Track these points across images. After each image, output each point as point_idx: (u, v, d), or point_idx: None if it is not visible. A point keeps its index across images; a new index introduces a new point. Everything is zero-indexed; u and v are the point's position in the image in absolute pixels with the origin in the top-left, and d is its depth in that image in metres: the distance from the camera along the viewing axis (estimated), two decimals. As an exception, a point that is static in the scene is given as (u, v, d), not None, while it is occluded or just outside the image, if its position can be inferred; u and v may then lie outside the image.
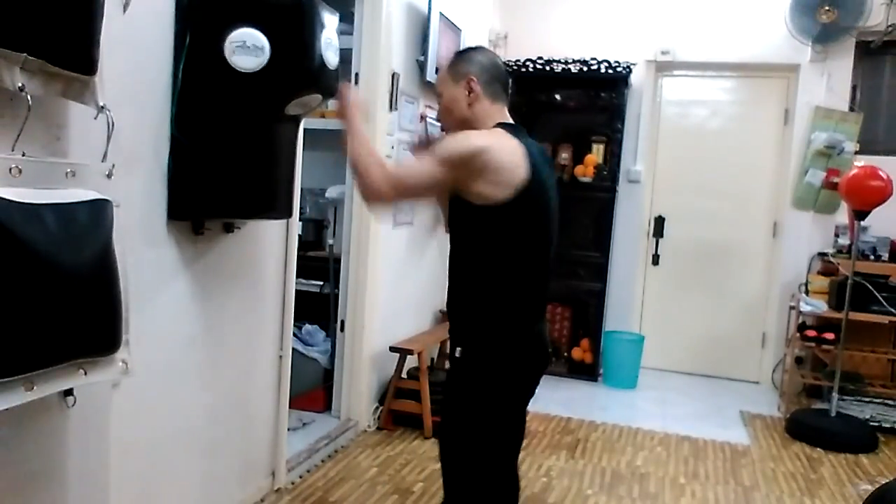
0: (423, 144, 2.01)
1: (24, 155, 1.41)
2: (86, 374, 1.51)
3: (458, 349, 1.80)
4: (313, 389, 3.66)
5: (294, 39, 1.95)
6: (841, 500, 3.18)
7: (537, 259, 1.80)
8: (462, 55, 1.89)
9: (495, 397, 1.79)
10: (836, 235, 4.70)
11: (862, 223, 4.05)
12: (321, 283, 3.89)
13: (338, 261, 3.64)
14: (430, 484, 3.03)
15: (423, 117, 3.98)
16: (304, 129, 2.52)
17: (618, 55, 4.86)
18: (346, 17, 2.84)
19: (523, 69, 4.92)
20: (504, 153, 1.70)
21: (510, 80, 1.91)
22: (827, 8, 4.43)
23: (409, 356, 3.67)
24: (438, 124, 1.97)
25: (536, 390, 1.92)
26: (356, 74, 3.44)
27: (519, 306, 1.79)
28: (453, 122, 1.87)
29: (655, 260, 5.28)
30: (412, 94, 3.83)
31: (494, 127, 1.80)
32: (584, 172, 4.88)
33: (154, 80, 1.99)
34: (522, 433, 1.96)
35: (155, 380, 2.10)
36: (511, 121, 1.86)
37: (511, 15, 5.21)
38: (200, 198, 2.09)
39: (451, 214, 1.82)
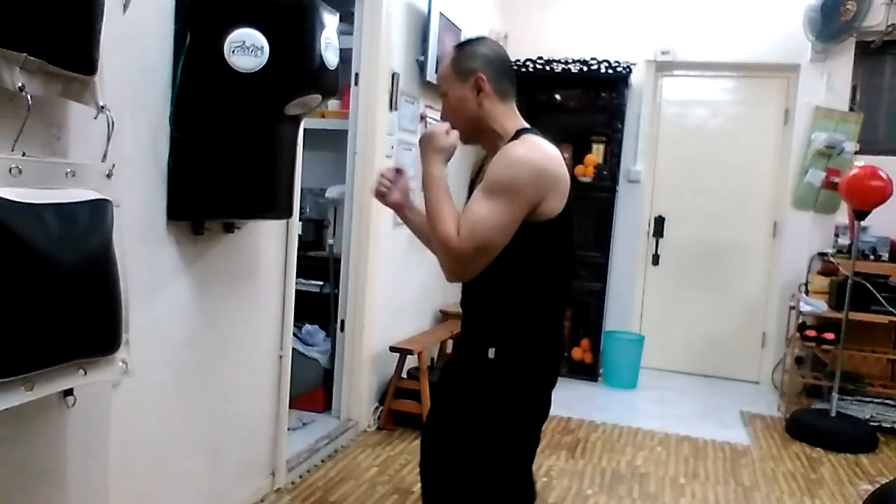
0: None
1: (24, 155, 1.41)
2: (86, 374, 1.51)
3: (492, 350, 1.68)
4: (313, 389, 3.66)
5: (293, 40, 1.95)
6: (841, 500, 3.18)
7: (568, 262, 1.76)
8: (465, 49, 1.74)
9: (530, 398, 1.74)
10: (836, 235, 4.70)
11: (862, 223, 4.05)
12: (321, 283, 3.89)
13: (338, 261, 3.64)
14: (430, 484, 3.03)
15: (422, 117, 3.98)
16: (304, 129, 2.52)
17: (618, 55, 4.86)
18: (346, 17, 2.84)
19: (523, 69, 4.92)
20: (555, 163, 1.63)
21: (514, 72, 1.79)
22: (849, 6, 4.40)
23: (409, 356, 3.67)
24: (442, 122, 1.86)
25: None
26: (356, 74, 3.44)
27: (552, 308, 1.75)
28: (462, 122, 1.73)
29: (655, 260, 5.28)
30: (412, 94, 3.83)
31: (520, 133, 1.68)
32: (584, 172, 4.88)
33: (154, 80, 1.99)
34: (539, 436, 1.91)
35: (155, 380, 2.10)
36: (524, 121, 1.74)
37: (511, 15, 5.21)
38: (200, 198, 2.09)
39: None
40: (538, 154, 1.61)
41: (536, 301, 1.70)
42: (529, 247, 1.63)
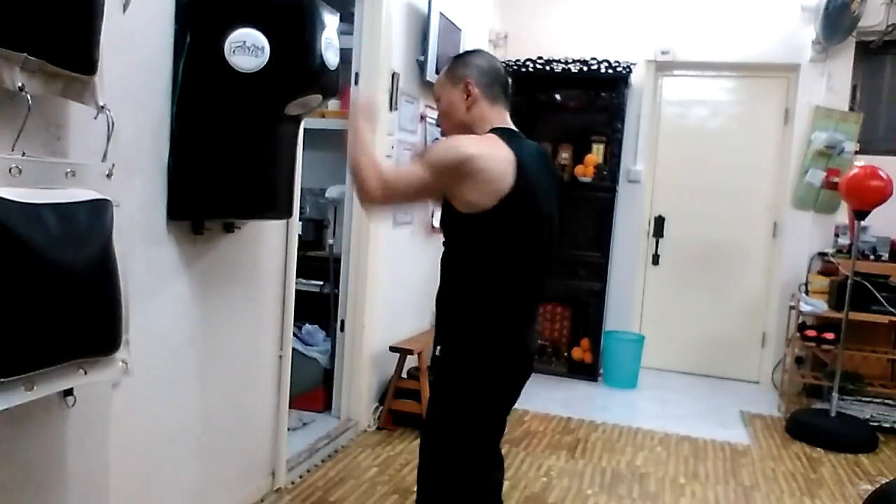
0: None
1: (24, 155, 1.41)
2: (86, 374, 1.51)
3: (438, 348, 1.82)
4: (313, 389, 3.66)
5: (294, 40, 1.95)
6: (841, 500, 3.18)
7: (525, 265, 1.79)
8: (460, 59, 1.89)
9: (469, 397, 1.80)
10: (836, 235, 4.70)
11: (862, 223, 4.05)
12: (321, 283, 3.89)
13: (338, 261, 3.64)
14: (430, 484, 3.03)
15: (422, 117, 3.98)
16: (304, 129, 2.52)
17: (618, 55, 4.86)
18: (346, 17, 2.84)
19: (523, 69, 4.92)
20: (490, 160, 1.69)
21: (510, 83, 1.90)
22: (855, 3, 4.39)
23: (409, 356, 3.67)
24: (438, 128, 1.97)
25: (522, 394, 1.94)
26: (356, 74, 3.44)
27: (502, 311, 1.79)
28: (452, 125, 1.87)
29: (655, 260, 5.28)
30: (412, 94, 3.83)
31: (489, 132, 1.79)
32: (584, 172, 4.88)
33: (154, 79, 1.99)
34: (499, 438, 1.96)
35: (155, 380, 2.10)
36: (510, 124, 1.84)
37: (511, 15, 5.21)
38: (200, 198, 2.09)
39: (442, 217, 1.83)
40: (472, 146, 1.71)
41: (483, 300, 1.77)
42: (470, 241, 1.76)
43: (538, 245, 1.80)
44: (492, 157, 1.70)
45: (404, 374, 3.72)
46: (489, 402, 1.85)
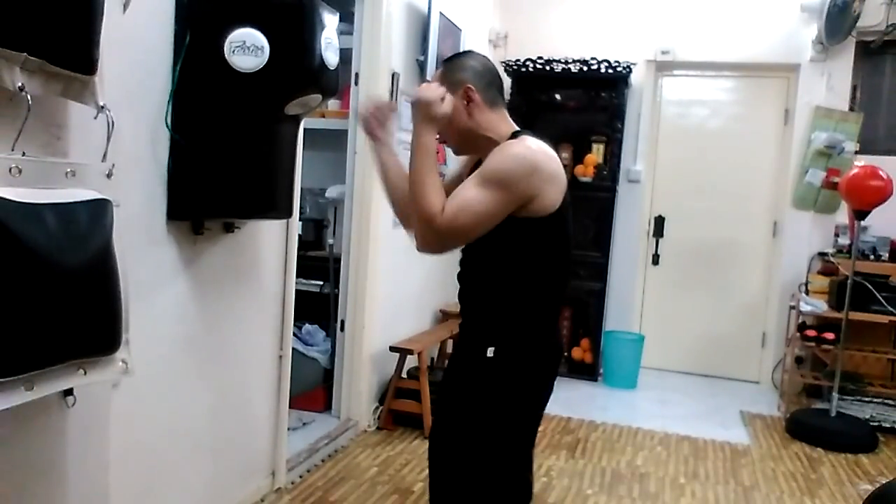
0: (378, 120, 1.84)
1: (24, 155, 1.41)
2: (86, 374, 1.51)
3: (491, 349, 1.70)
4: (313, 389, 3.66)
5: (293, 39, 1.96)
6: (841, 500, 3.18)
7: (565, 261, 1.77)
8: (452, 63, 1.78)
9: (529, 397, 1.77)
10: (836, 235, 4.70)
11: (862, 223, 4.05)
12: (321, 283, 3.89)
13: (338, 261, 3.64)
14: (430, 484, 3.03)
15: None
16: (304, 129, 2.53)
17: (618, 55, 4.86)
18: (346, 17, 2.84)
19: (523, 69, 4.92)
20: (552, 161, 1.66)
21: (502, 82, 1.83)
22: (856, 3, 4.38)
23: (409, 356, 3.67)
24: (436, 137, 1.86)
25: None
26: (356, 74, 3.44)
27: (550, 307, 1.77)
28: (454, 133, 1.76)
29: (655, 260, 5.28)
30: (412, 94, 3.83)
31: (516, 134, 1.71)
32: (584, 172, 4.88)
33: (154, 79, 1.99)
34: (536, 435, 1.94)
35: (155, 380, 2.10)
36: (515, 125, 1.78)
37: (511, 15, 5.22)
38: (200, 198, 2.09)
39: None
40: (535, 152, 1.65)
41: (534, 299, 1.72)
42: (527, 243, 1.67)
43: (571, 240, 1.79)
44: (551, 156, 1.67)
45: (404, 374, 3.72)
46: (541, 400, 1.82)
